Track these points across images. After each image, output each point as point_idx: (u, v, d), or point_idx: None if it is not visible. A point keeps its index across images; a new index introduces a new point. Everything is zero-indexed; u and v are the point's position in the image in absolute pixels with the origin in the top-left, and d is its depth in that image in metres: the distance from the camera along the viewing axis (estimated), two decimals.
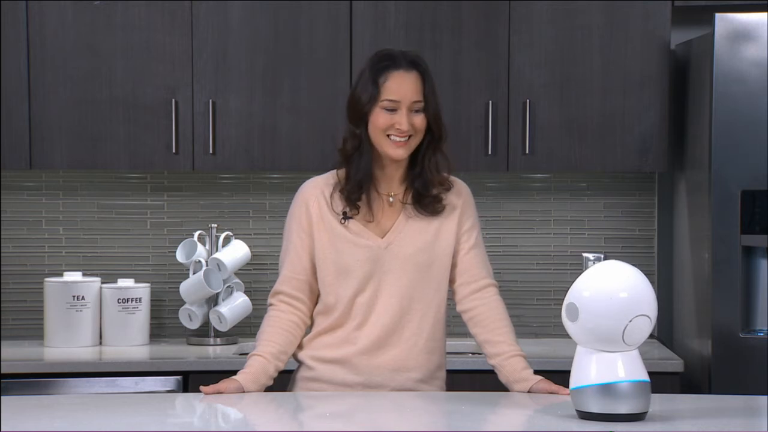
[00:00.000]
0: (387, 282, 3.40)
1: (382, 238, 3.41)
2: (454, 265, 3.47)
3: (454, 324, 3.74)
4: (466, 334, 3.66)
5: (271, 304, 3.47)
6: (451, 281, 3.48)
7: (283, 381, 3.49)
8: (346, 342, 3.42)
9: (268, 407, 3.28)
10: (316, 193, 3.44)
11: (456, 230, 3.46)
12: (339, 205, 3.42)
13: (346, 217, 3.41)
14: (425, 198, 3.43)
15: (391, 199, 3.45)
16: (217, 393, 3.30)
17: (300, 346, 3.47)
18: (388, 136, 3.35)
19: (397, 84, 3.36)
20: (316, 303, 3.47)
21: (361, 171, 3.39)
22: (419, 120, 3.37)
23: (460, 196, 3.49)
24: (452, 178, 3.49)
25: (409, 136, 3.37)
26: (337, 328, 3.43)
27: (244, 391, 3.32)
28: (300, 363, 3.49)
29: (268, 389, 3.40)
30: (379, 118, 3.36)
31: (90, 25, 4.64)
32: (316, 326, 3.47)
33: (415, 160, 3.43)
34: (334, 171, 3.47)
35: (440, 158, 3.43)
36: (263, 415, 3.24)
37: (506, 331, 3.44)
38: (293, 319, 3.44)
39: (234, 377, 3.36)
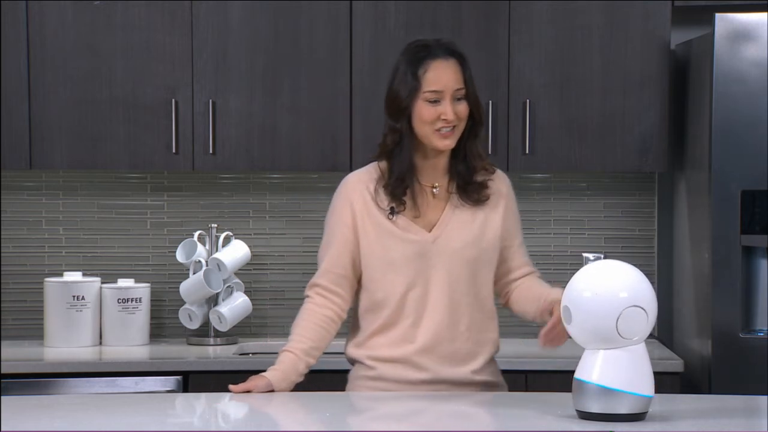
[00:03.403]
0: (436, 276, 3.36)
1: (429, 231, 3.38)
2: (503, 260, 3.45)
3: None
4: None
5: (307, 296, 3.43)
6: (501, 276, 3.47)
7: (312, 379, 3.43)
8: (403, 340, 3.37)
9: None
10: (360, 189, 3.39)
11: (502, 221, 3.43)
12: (384, 200, 3.37)
13: (393, 212, 3.37)
14: (470, 185, 3.40)
15: (435, 190, 3.41)
16: (246, 392, 3.27)
17: (356, 346, 3.42)
18: (436, 129, 3.32)
19: (438, 74, 3.32)
20: (355, 299, 3.43)
21: (404, 164, 3.34)
22: (462, 108, 3.34)
23: (503, 183, 3.47)
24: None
25: (454, 126, 3.33)
26: (391, 326, 3.38)
27: (273, 389, 3.28)
28: (355, 362, 3.44)
29: (298, 386, 3.35)
30: (423, 111, 3.32)
31: (90, 25, 4.64)
32: (366, 326, 3.42)
33: (457, 147, 3.39)
34: (375, 164, 3.42)
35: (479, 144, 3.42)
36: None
37: (538, 285, 3.43)
38: (328, 313, 3.38)
39: (263, 374, 3.31)
